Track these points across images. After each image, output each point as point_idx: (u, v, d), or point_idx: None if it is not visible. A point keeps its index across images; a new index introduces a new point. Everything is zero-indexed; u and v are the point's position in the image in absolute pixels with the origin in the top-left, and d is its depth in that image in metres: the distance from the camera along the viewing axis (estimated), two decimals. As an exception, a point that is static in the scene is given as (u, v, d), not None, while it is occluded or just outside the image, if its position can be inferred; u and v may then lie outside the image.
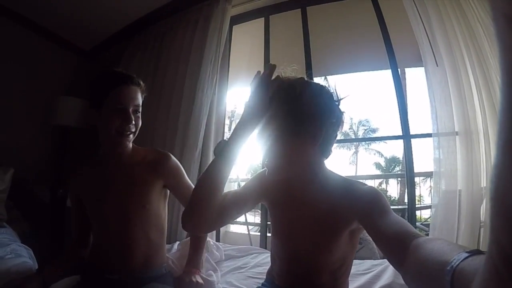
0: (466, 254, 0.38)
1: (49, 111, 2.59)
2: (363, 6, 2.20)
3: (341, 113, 0.80)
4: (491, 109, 1.47)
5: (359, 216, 0.72)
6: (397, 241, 0.57)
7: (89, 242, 1.22)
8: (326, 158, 0.82)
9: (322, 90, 0.78)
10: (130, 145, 1.15)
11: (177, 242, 1.65)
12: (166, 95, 2.26)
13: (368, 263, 1.40)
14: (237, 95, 2.81)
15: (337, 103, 0.79)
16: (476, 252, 0.38)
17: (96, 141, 1.12)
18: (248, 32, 2.57)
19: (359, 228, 0.79)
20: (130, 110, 1.06)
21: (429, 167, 1.76)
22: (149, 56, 2.50)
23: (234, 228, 3.03)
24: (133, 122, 1.07)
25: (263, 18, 2.47)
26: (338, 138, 0.82)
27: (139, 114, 1.10)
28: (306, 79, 0.79)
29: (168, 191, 1.22)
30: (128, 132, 1.07)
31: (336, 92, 0.80)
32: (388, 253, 0.61)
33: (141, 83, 1.11)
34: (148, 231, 1.12)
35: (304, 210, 0.83)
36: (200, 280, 1.13)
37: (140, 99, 1.10)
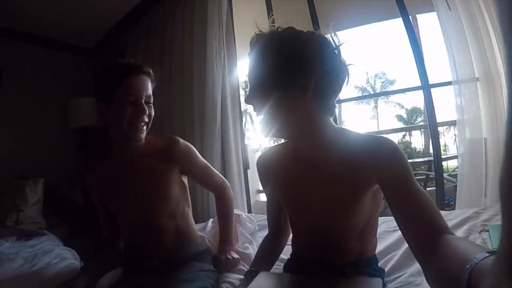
0: (487, 254, 0.37)
1: (65, 116, 2.68)
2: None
3: (341, 62, 0.70)
4: (511, 51, 1.37)
5: (380, 177, 0.68)
6: (425, 235, 0.56)
7: (119, 236, 1.23)
8: (331, 114, 0.74)
9: (312, 37, 0.69)
10: (144, 136, 1.11)
11: (211, 219, 1.67)
12: (177, 78, 2.25)
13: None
14: (247, 65, 2.77)
15: (336, 51, 0.70)
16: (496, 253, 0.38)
17: (109, 136, 1.10)
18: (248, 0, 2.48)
19: (378, 194, 0.76)
20: (143, 101, 1.02)
21: (452, 115, 1.71)
22: (153, 43, 2.47)
23: (264, 196, 3.09)
24: (147, 113, 1.03)
25: None
26: (356, 95, 0.78)
27: (151, 105, 1.07)
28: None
29: (186, 176, 1.20)
30: (142, 124, 1.04)
31: (334, 41, 0.71)
32: (413, 245, 0.60)
33: (151, 71, 1.07)
34: (173, 219, 1.12)
35: (317, 178, 0.76)
36: (236, 256, 1.14)
37: (151, 89, 1.07)
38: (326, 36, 0.71)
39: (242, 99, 2.23)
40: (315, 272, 0.84)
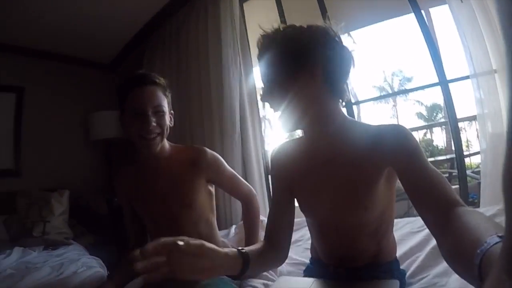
0: (498, 239, 0.37)
1: (87, 129, 2.80)
2: None
3: (343, 47, 0.74)
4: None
5: (392, 162, 0.69)
6: (438, 209, 0.57)
7: (147, 241, 1.26)
8: (341, 99, 0.77)
9: (311, 28, 0.74)
10: (166, 145, 1.13)
11: (234, 226, 1.69)
12: (194, 86, 2.29)
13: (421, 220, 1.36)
14: None
15: (336, 38, 0.74)
16: None
17: (133, 146, 1.12)
18: (260, 6, 2.49)
19: (394, 177, 0.75)
20: (149, 112, 1.02)
21: (473, 110, 1.66)
22: (169, 53, 2.53)
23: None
24: (154, 124, 1.02)
25: None
26: (374, 95, 0.80)
27: (163, 114, 1.05)
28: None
29: (213, 185, 1.22)
30: (152, 135, 1.03)
31: (333, 29, 0.75)
32: (428, 220, 0.60)
33: (158, 80, 1.06)
34: (197, 227, 1.14)
35: (329, 168, 0.78)
36: None
37: (160, 98, 1.05)
38: (325, 26, 0.75)
39: (261, 105, 2.24)
40: (332, 276, 0.84)
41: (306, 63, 0.71)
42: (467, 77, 1.60)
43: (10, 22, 2.33)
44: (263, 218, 1.62)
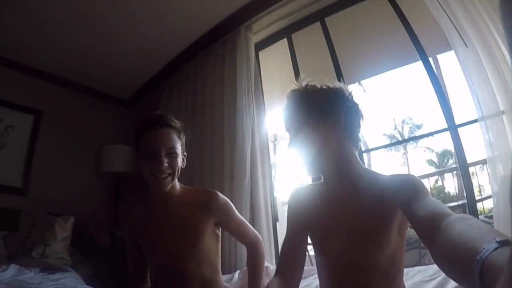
0: (496, 245, 0.36)
1: (99, 160, 2.85)
2: (378, 3, 2.17)
3: (356, 102, 0.87)
4: (534, 79, 1.35)
5: (400, 202, 0.72)
6: (429, 221, 0.57)
7: (145, 277, 1.26)
8: (356, 148, 0.87)
9: (332, 85, 0.87)
10: (177, 186, 1.16)
11: (238, 271, 1.67)
12: (208, 130, 2.35)
13: (434, 268, 1.30)
14: (275, 118, 2.84)
15: (350, 96, 0.86)
16: (505, 242, 0.36)
17: (145, 183, 1.15)
18: (274, 54, 2.63)
19: (405, 221, 0.78)
20: (162, 153, 1.06)
21: (483, 153, 1.65)
22: (185, 96, 2.63)
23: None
24: (166, 165, 1.06)
25: (285, 38, 2.52)
26: (384, 143, 0.85)
27: (175, 156, 1.09)
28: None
29: (220, 228, 1.24)
30: (163, 175, 1.07)
31: (345, 88, 0.88)
32: (421, 233, 0.62)
33: (174, 123, 1.11)
34: (201, 268, 1.15)
35: (345, 210, 0.83)
36: None
37: (174, 140, 1.10)
38: (341, 85, 0.89)
39: (272, 152, 2.29)
40: None
41: (330, 112, 0.83)
42: (475, 121, 1.61)
43: (40, 47, 2.51)
44: (268, 264, 1.60)
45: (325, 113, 0.82)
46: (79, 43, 2.51)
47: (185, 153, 1.19)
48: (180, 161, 1.12)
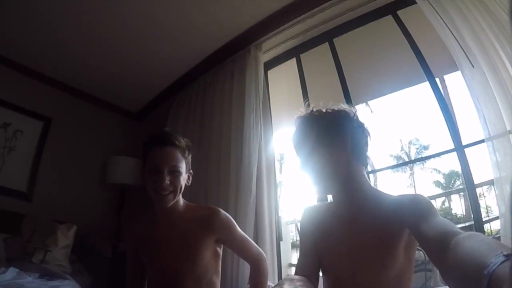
0: (503, 258, 0.37)
1: (105, 171, 2.86)
2: (386, 24, 2.21)
3: (362, 123, 0.91)
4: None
5: (408, 223, 0.73)
6: (438, 240, 0.57)
7: None
8: (365, 166, 0.90)
9: (338, 108, 0.92)
10: (180, 202, 1.19)
11: None
12: (214, 147, 2.36)
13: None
14: (283, 137, 2.85)
15: (355, 117, 0.91)
16: None
17: (149, 197, 1.18)
18: (283, 74, 2.67)
19: (413, 241, 0.79)
20: (165, 170, 1.09)
21: (491, 174, 1.63)
22: (194, 112, 2.66)
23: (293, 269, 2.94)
24: (168, 182, 1.09)
25: (294, 58, 2.56)
26: (391, 164, 0.87)
27: (178, 174, 1.12)
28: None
29: (221, 245, 1.24)
30: (165, 192, 1.10)
31: (350, 109, 0.92)
32: (430, 253, 0.61)
33: (179, 142, 1.14)
34: (198, 284, 1.15)
35: (353, 228, 0.85)
36: None
37: (177, 159, 1.13)
38: (347, 107, 0.93)
39: (278, 170, 2.29)
40: None
41: (337, 134, 0.87)
42: (482, 141, 1.60)
43: (54, 56, 2.58)
44: (271, 283, 1.56)
45: (332, 136, 0.87)
46: (92, 55, 2.58)
47: (191, 171, 1.23)
48: (183, 180, 1.15)
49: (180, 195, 1.18)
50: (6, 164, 2.42)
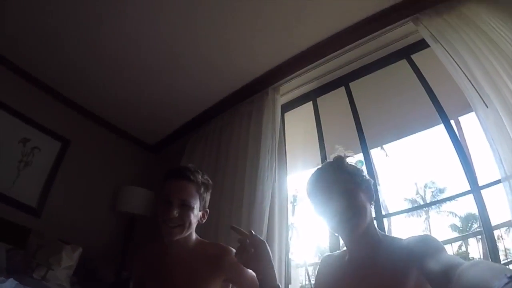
0: (506, 280, 0.37)
1: (116, 198, 2.89)
2: (400, 67, 2.27)
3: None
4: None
5: (416, 262, 0.75)
6: (444, 273, 0.58)
7: None
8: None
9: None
10: (192, 237, 1.19)
11: None
12: (228, 186, 2.37)
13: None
14: (296, 179, 2.88)
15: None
16: None
17: (159, 230, 1.17)
18: (299, 117, 2.73)
19: (424, 283, 0.77)
20: (175, 202, 1.10)
21: (508, 215, 1.60)
22: (210, 149, 2.70)
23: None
24: (176, 215, 1.09)
25: (311, 102, 2.62)
26: (406, 207, 0.92)
27: (188, 208, 1.12)
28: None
29: (230, 284, 1.22)
30: (172, 224, 1.10)
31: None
32: (437, 287, 0.63)
33: (194, 178, 1.15)
34: None
35: (366, 273, 0.86)
36: None
37: (190, 194, 1.14)
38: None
39: (290, 212, 2.28)
40: None
41: (367, 184, 0.94)
42: (498, 181, 1.58)
43: (79, 82, 2.74)
44: None
45: (363, 184, 0.93)
46: (115, 85, 2.73)
47: (207, 210, 1.24)
48: (194, 216, 1.14)
49: (192, 231, 1.19)
50: (21, 178, 2.46)
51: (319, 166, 1.00)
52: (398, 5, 1.97)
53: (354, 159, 1.01)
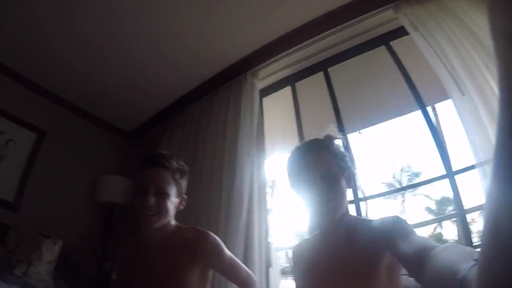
0: (473, 262, 0.38)
1: (95, 188, 2.82)
2: (379, 54, 2.30)
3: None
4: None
5: (386, 244, 0.76)
6: (417, 256, 0.59)
7: None
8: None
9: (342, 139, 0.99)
10: (171, 224, 1.18)
11: None
12: (207, 171, 2.35)
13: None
14: (275, 163, 2.86)
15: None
16: None
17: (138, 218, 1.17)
18: (277, 101, 2.73)
19: (396, 264, 0.80)
20: (151, 190, 1.09)
21: (482, 199, 1.66)
22: (188, 135, 2.67)
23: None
24: (152, 203, 1.08)
25: (289, 87, 2.62)
26: (382, 190, 0.92)
27: (165, 195, 1.12)
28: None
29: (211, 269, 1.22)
30: (150, 212, 1.09)
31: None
32: (410, 269, 0.63)
33: (169, 164, 1.14)
34: None
35: (336, 257, 0.88)
36: None
37: (166, 181, 1.13)
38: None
39: (269, 196, 2.29)
40: None
41: (347, 166, 0.93)
42: (473, 167, 1.64)
43: (53, 70, 2.61)
44: None
45: (343, 165, 0.92)
46: (91, 73, 2.63)
47: (184, 196, 1.22)
48: (171, 203, 1.14)
49: (171, 218, 1.18)
50: (-5, 173, 2.36)
51: (303, 142, 0.98)
52: (379, -9, 1.96)
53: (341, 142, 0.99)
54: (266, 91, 2.68)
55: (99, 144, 3.18)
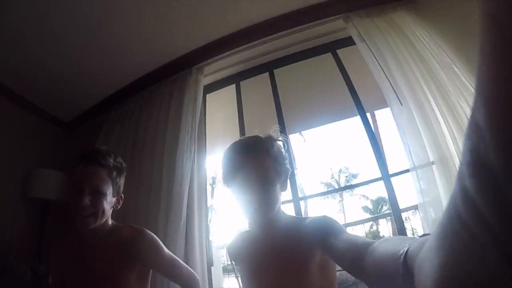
0: (412, 241, 0.38)
1: (27, 183, 2.53)
2: (325, 60, 2.40)
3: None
4: (459, 132, 1.56)
5: (317, 242, 0.78)
6: (354, 252, 0.60)
7: None
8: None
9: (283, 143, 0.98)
10: (108, 223, 1.12)
11: None
12: (146, 168, 2.25)
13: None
14: (216, 161, 2.83)
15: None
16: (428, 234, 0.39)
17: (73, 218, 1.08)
18: (221, 99, 2.70)
19: (328, 260, 0.82)
20: (86, 190, 1.01)
21: (416, 200, 1.80)
22: (128, 130, 2.52)
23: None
24: (87, 203, 1.01)
25: (234, 85, 2.61)
26: (321, 190, 0.92)
27: (100, 195, 1.05)
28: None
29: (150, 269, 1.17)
30: (85, 213, 1.02)
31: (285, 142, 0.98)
32: (346, 265, 0.65)
33: (105, 162, 1.07)
34: None
35: (270, 253, 0.89)
36: None
37: (101, 179, 1.05)
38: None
39: (209, 194, 2.25)
40: None
41: (284, 169, 0.92)
42: (407, 171, 1.78)
43: None
44: None
45: (281, 169, 0.90)
46: (28, 52, 2.29)
47: (121, 195, 1.16)
48: (107, 202, 1.06)
49: (108, 218, 1.12)
50: None
51: (243, 139, 0.93)
52: (332, 1, 2.05)
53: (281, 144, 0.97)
54: (211, 88, 2.64)
55: (32, 133, 2.81)
